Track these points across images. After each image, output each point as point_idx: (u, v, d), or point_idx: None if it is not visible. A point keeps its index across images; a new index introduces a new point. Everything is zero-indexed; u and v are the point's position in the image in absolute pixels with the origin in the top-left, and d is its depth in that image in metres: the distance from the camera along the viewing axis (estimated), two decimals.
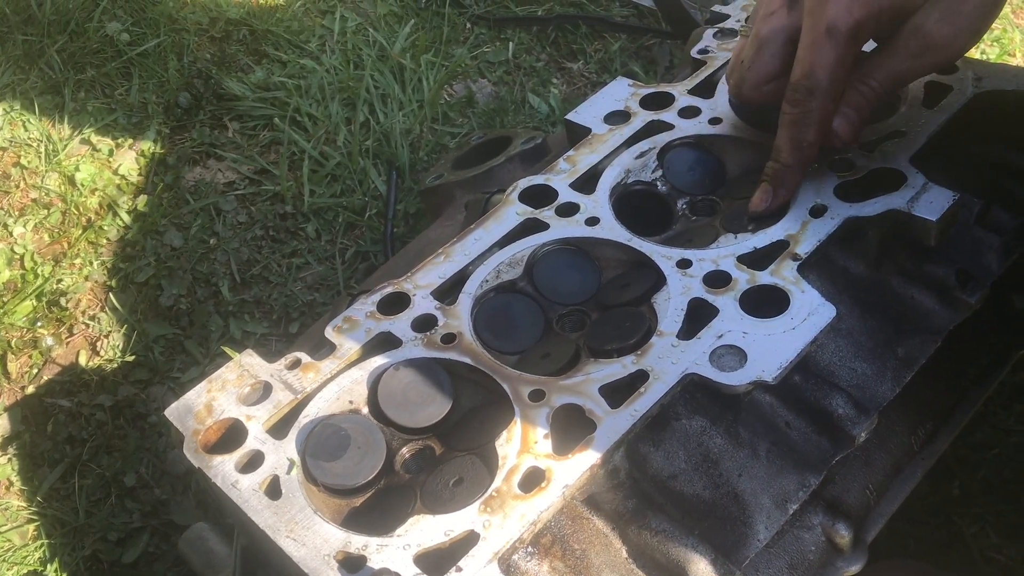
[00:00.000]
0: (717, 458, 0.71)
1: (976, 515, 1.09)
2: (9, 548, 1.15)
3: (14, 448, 1.24)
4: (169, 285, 1.38)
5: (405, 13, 1.80)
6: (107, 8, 1.78)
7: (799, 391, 0.74)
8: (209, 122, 1.63)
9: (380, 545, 0.63)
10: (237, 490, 0.69)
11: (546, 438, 0.67)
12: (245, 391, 0.76)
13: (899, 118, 0.89)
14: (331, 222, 1.46)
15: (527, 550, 0.65)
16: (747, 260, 0.78)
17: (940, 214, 0.77)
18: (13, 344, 1.33)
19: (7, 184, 1.54)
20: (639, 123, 0.95)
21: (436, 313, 0.80)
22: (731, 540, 0.68)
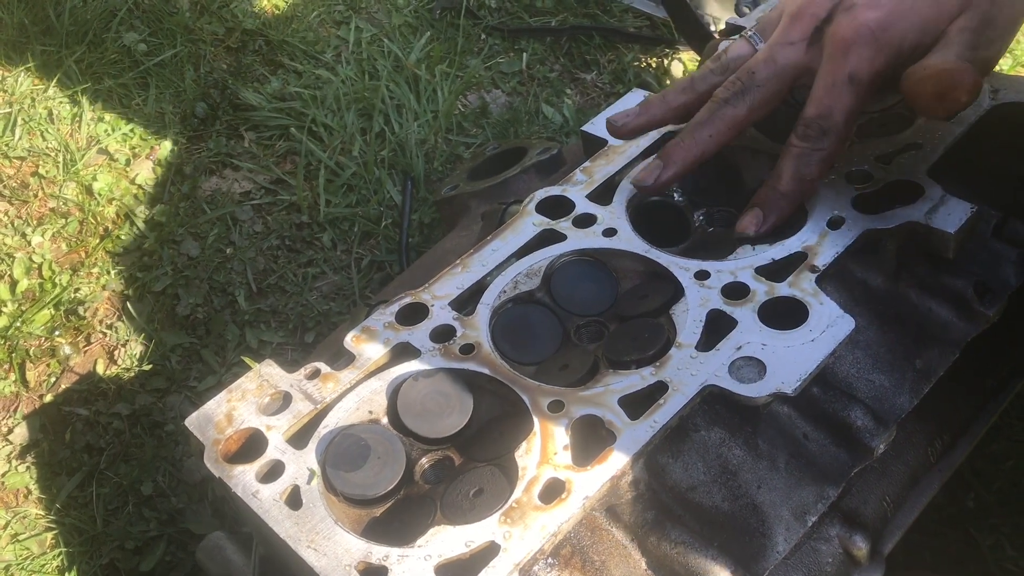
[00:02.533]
0: (736, 470, 0.71)
1: (992, 527, 1.09)
2: (28, 556, 1.15)
3: (32, 456, 1.24)
4: (186, 294, 1.39)
5: (420, 24, 1.81)
6: (124, 19, 1.79)
7: (817, 403, 0.75)
8: (225, 132, 1.64)
9: (401, 555, 0.64)
10: (258, 500, 0.70)
11: (566, 449, 0.68)
12: (265, 401, 0.77)
13: (915, 130, 0.89)
14: (347, 232, 1.47)
15: (547, 561, 0.66)
16: (765, 272, 0.78)
17: (958, 226, 0.78)
18: (31, 353, 1.34)
19: (25, 193, 1.55)
20: (656, 134, 0.95)
21: (454, 324, 0.80)
22: (750, 552, 0.68)
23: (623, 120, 0.89)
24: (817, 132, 0.79)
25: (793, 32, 0.82)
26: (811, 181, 0.81)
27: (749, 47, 0.88)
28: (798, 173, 0.81)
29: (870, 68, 0.78)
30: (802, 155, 0.81)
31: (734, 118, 0.83)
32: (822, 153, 0.80)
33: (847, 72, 0.78)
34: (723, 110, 0.83)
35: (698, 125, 0.84)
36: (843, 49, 0.78)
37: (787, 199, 0.82)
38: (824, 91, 0.79)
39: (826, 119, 0.79)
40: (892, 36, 0.78)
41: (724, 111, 0.83)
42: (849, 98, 0.78)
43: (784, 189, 0.82)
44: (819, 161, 0.80)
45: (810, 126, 0.80)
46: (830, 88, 0.79)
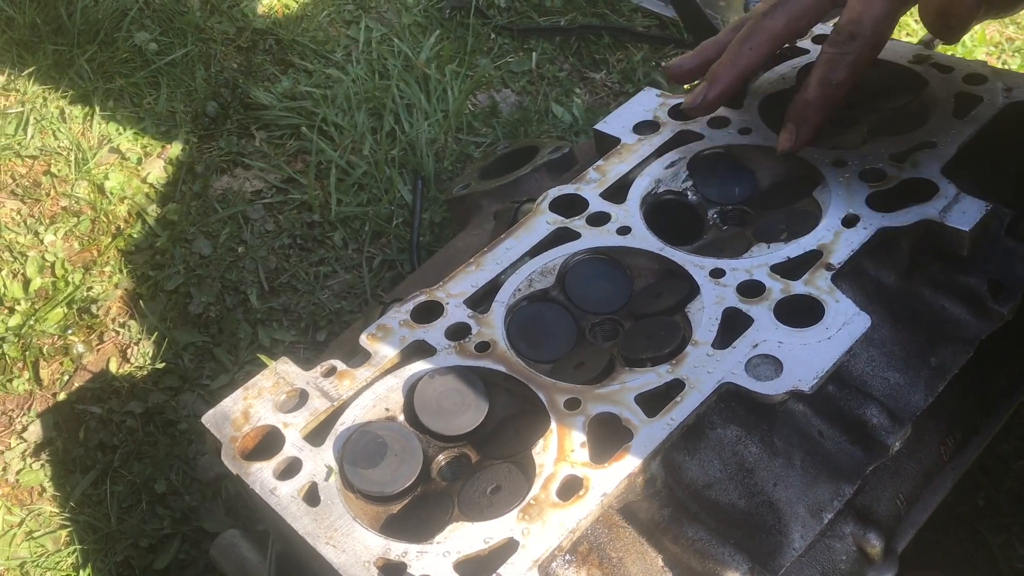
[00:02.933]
0: (752, 467, 0.71)
1: (1002, 526, 1.09)
2: (42, 554, 1.16)
3: (47, 454, 1.25)
4: (198, 293, 1.40)
5: (430, 23, 1.82)
6: (136, 18, 1.80)
7: (833, 401, 0.75)
8: (236, 131, 1.65)
9: (420, 552, 0.64)
10: (276, 497, 0.70)
11: (583, 447, 0.68)
12: (281, 398, 0.77)
13: (929, 128, 0.89)
14: (358, 231, 1.48)
15: (565, 558, 0.66)
16: (780, 270, 0.78)
17: (973, 224, 0.78)
18: (45, 351, 1.35)
19: (38, 192, 1.56)
20: (668, 133, 0.95)
21: (469, 322, 0.81)
22: (766, 549, 0.69)
23: (680, 62, 0.92)
24: (846, 36, 0.81)
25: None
26: (837, 86, 0.82)
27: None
28: (824, 77, 0.82)
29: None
30: (830, 59, 0.82)
31: (772, 30, 0.85)
32: (849, 57, 0.81)
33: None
34: (761, 23, 0.85)
35: (739, 41, 0.86)
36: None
37: (815, 106, 0.83)
38: None
39: (856, 23, 0.80)
40: None
41: (762, 23, 0.85)
42: (881, 6, 0.80)
43: (811, 96, 0.83)
44: (847, 65, 0.81)
45: (840, 31, 0.81)
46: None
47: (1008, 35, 1.77)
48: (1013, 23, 1.78)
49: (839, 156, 0.87)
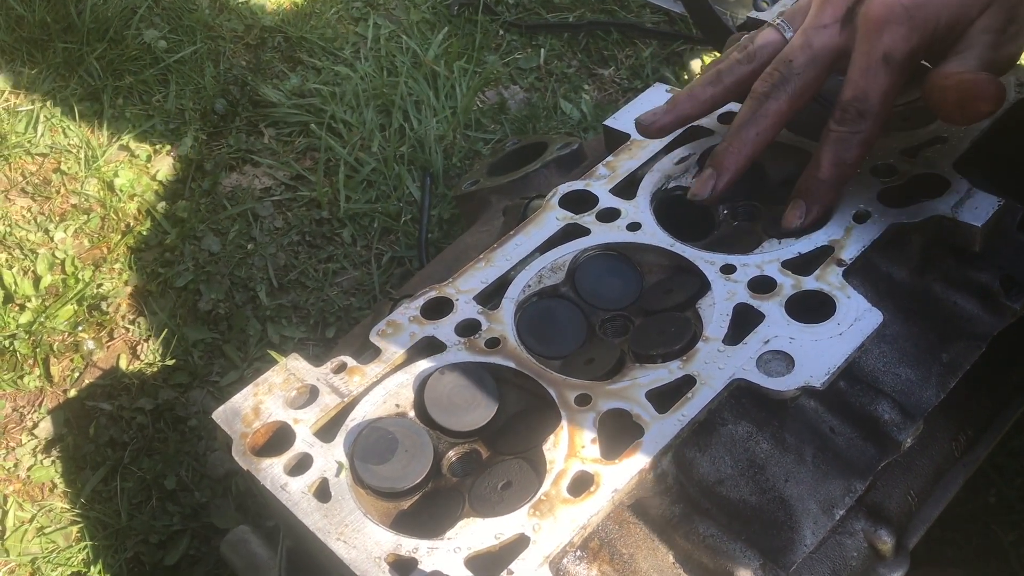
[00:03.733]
0: (763, 463, 0.71)
1: (1013, 523, 1.09)
2: (53, 550, 1.16)
3: (57, 451, 1.25)
4: (208, 290, 1.40)
5: (438, 20, 1.82)
6: (145, 16, 1.80)
7: (844, 397, 0.75)
8: (245, 128, 1.65)
9: (431, 548, 0.64)
10: (287, 492, 0.70)
11: (593, 443, 0.68)
12: (292, 394, 0.77)
13: (941, 124, 0.89)
14: (367, 227, 1.48)
15: (576, 554, 0.66)
16: (791, 265, 0.78)
17: (985, 219, 0.77)
18: (55, 348, 1.35)
19: (48, 190, 1.56)
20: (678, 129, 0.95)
21: (479, 318, 0.81)
22: (778, 545, 0.69)
23: (651, 119, 0.88)
24: (855, 115, 0.78)
25: (825, 15, 0.81)
26: (851, 165, 0.80)
27: (777, 35, 0.86)
28: (838, 158, 0.80)
29: (905, 47, 0.76)
30: (841, 139, 0.79)
31: (778, 112, 0.82)
32: (861, 136, 0.79)
33: (882, 52, 0.76)
34: (766, 105, 0.82)
35: (743, 125, 0.83)
36: (877, 29, 0.76)
37: (828, 186, 0.81)
38: (859, 73, 0.78)
39: (863, 101, 0.78)
40: (927, 14, 0.76)
41: (767, 106, 0.82)
42: (885, 78, 0.77)
43: (824, 176, 0.81)
44: (858, 144, 0.79)
45: (847, 109, 0.78)
46: (865, 70, 0.77)
47: None
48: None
49: None
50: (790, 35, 0.84)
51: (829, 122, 0.80)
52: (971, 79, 0.74)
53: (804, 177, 0.82)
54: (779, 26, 0.85)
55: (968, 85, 0.74)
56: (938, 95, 0.76)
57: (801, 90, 0.81)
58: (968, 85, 0.74)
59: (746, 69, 0.85)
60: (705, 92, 0.87)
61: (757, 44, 0.86)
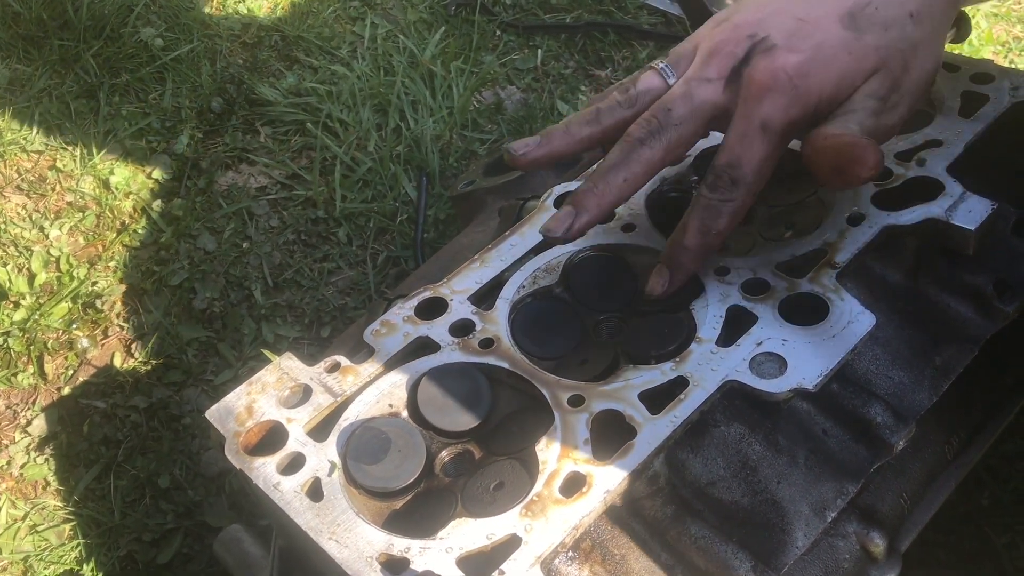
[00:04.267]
0: (756, 465, 0.71)
1: (1006, 525, 1.09)
2: (46, 547, 1.16)
3: (51, 448, 1.25)
4: (202, 288, 1.40)
5: (435, 20, 1.82)
6: (142, 14, 1.80)
7: (837, 399, 0.75)
8: (241, 127, 1.65)
9: (423, 548, 0.64)
10: (279, 492, 0.70)
11: (586, 443, 0.68)
12: (285, 394, 0.77)
13: (935, 127, 0.89)
14: (362, 227, 1.48)
15: (568, 554, 0.66)
16: (785, 268, 0.78)
17: (978, 223, 0.77)
18: (49, 345, 1.35)
19: (43, 187, 1.56)
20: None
21: (473, 318, 0.81)
22: (770, 547, 0.69)
23: (522, 149, 0.83)
24: (727, 182, 0.75)
25: (710, 69, 0.77)
26: (718, 234, 0.77)
27: (659, 80, 0.81)
28: (705, 226, 0.76)
29: (784, 117, 0.74)
30: (710, 207, 0.76)
31: (650, 160, 0.77)
32: (731, 205, 0.75)
33: (760, 120, 0.74)
34: (638, 151, 0.77)
35: (612, 168, 0.78)
36: (758, 95, 0.74)
37: (692, 254, 0.77)
38: (736, 139, 0.75)
39: (736, 168, 0.75)
40: (810, 85, 0.74)
41: (639, 152, 0.77)
42: (761, 147, 0.74)
43: (689, 243, 0.77)
44: (728, 213, 0.76)
45: (720, 176, 0.75)
46: (742, 136, 0.75)
47: (1015, 34, 1.76)
48: (1020, 22, 1.77)
49: None
50: (672, 81, 0.80)
51: (701, 186, 0.77)
52: (849, 142, 0.71)
53: (670, 243, 0.79)
54: (662, 71, 0.81)
55: (846, 149, 0.71)
56: (816, 157, 0.73)
57: (677, 142, 0.78)
58: (846, 149, 0.71)
59: (625, 113, 0.81)
60: (581, 131, 0.82)
61: (638, 89, 0.81)
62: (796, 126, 0.75)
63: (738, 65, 0.76)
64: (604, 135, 0.82)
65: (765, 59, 0.75)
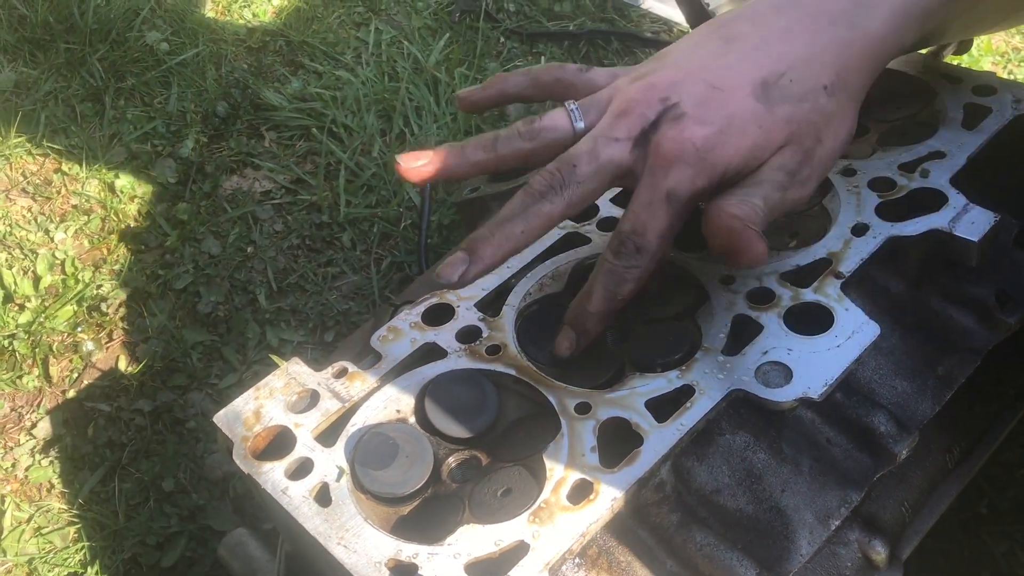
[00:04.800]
0: (760, 473, 0.72)
1: (1005, 534, 1.10)
2: (51, 550, 1.17)
3: (55, 451, 1.26)
4: (207, 292, 1.41)
5: (439, 27, 1.82)
6: (147, 18, 1.81)
7: (841, 408, 0.75)
8: (246, 131, 1.66)
9: (431, 554, 0.65)
10: (287, 497, 0.71)
11: (593, 451, 0.68)
12: (293, 399, 0.78)
13: (938, 139, 0.90)
14: (366, 232, 1.48)
15: (575, 561, 0.66)
16: (790, 277, 0.79)
17: (981, 235, 0.78)
18: (55, 348, 1.36)
19: (48, 190, 1.57)
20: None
21: (480, 325, 0.81)
22: (774, 555, 0.69)
23: (412, 162, 0.80)
24: (632, 249, 0.75)
25: (619, 128, 0.76)
26: (621, 300, 0.77)
27: (566, 122, 0.79)
28: (609, 292, 0.77)
29: (690, 187, 0.74)
30: (615, 273, 0.76)
31: (549, 214, 0.76)
32: (636, 271, 0.76)
33: (666, 189, 0.74)
34: (538, 205, 0.76)
35: (510, 219, 0.76)
36: (665, 165, 0.74)
37: (597, 318, 0.78)
38: (641, 206, 0.75)
39: (640, 236, 0.75)
40: (717, 158, 0.74)
41: (540, 206, 0.76)
42: (665, 216, 0.74)
43: (594, 309, 0.77)
44: (633, 280, 0.76)
45: (624, 243, 0.75)
46: (647, 204, 0.74)
47: (1014, 45, 1.77)
48: (1019, 33, 1.78)
49: (848, 166, 0.88)
50: (580, 126, 0.79)
51: (606, 251, 0.77)
52: (739, 231, 0.72)
53: (575, 305, 0.79)
54: (571, 112, 0.80)
55: (735, 236, 0.72)
56: (709, 232, 0.74)
57: (579, 198, 0.76)
58: (735, 236, 0.72)
59: (523, 146, 0.79)
60: (476, 154, 0.80)
61: (543, 123, 0.80)
62: (702, 194, 0.75)
63: (647, 129, 0.75)
64: (500, 162, 0.80)
65: (673, 128, 0.74)
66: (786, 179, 0.75)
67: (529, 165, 0.82)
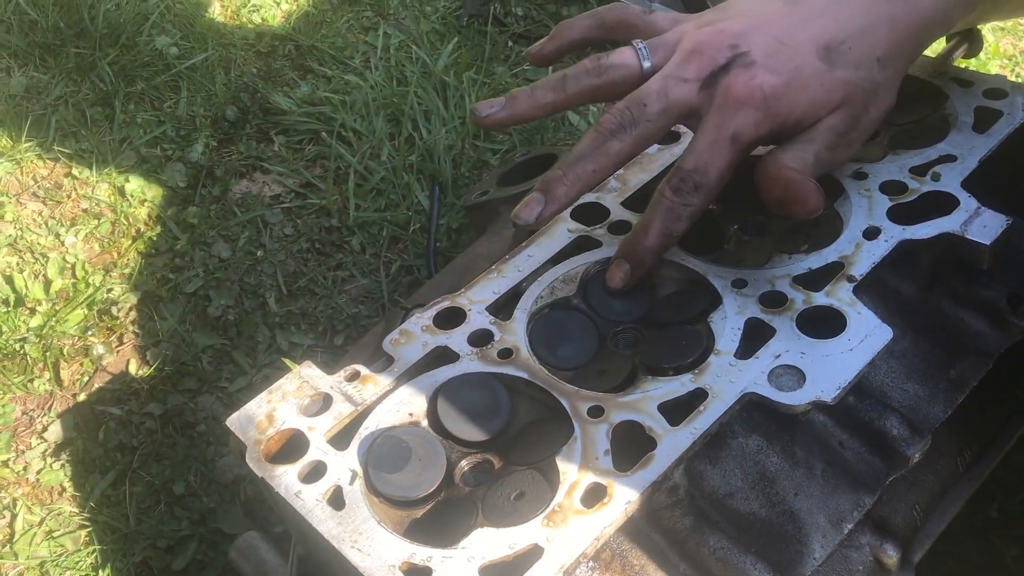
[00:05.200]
0: (773, 477, 0.72)
1: (1016, 538, 1.09)
2: (62, 553, 1.17)
3: (66, 454, 1.26)
4: (217, 296, 1.41)
5: (447, 31, 1.83)
6: (157, 22, 1.81)
7: (853, 411, 0.75)
8: (256, 135, 1.66)
9: (444, 557, 0.65)
10: (301, 500, 0.71)
11: (606, 454, 0.69)
12: (305, 402, 0.78)
13: (950, 142, 0.90)
14: (376, 236, 1.49)
15: (589, 565, 0.67)
16: (802, 281, 0.79)
17: (994, 238, 0.78)
18: (65, 352, 1.36)
19: (59, 194, 1.57)
20: (688, 142, 0.96)
21: (492, 328, 0.81)
22: (787, 558, 0.69)
23: (487, 111, 0.83)
24: (691, 187, 0.77)
25: (688, 69, 0.78)
26: (677, 236, 0.79)
27: (635, 59, 0.81)
28: (666, 228, 0.79)
29: (754, 132, 0.77)
30: (672, 209, 0.78)
31: (619, 152, 0.78)
32: (691, 209, 0.78)
33: (732, 130, 0.76)
34: (609, 143, 0.78)
35: (582, 158, 0.79)
36: (734, 107, 0.76)
37: (653, 253, 0.80)
38: (706, 145, 0.77)
39: (702, 174, 0.77)
40: (782, 106, 0.76)
41: (610, 144, 0.78)
42: (728, 156, 0.77)
43: (651, 244, 0.79)
44: (688, 217, 0.78)
45: (685, 180, 0.77)
46: (712, 143, 0.77)
47: (1022, 48, 1.77)
48: None
49: (859, 169, 0.88)
50: (647, 64, 0.81)
51: (664, 187, 0.78)
52: (799, 182, 0.76)
53: (631, 240, 0.81)
54: (639, 51, 0.82)
55: (792, 188, 0.76)
56: (765, 183, 0.78)
57: (647, 136, 0.79)
58: (792, 188, 0.76)
59: (592, 81, 0.82)
60: (546, 96, 0.83)
61: (611, 60, 0.82)
62: (762, 141, 0.78)
63: (716, 71, 0.77)
64: (568, 101, 0.83)
65: (744, 73, 0.76)
66: (836, 140, 0.79)
67: (597, 102, 0.85)
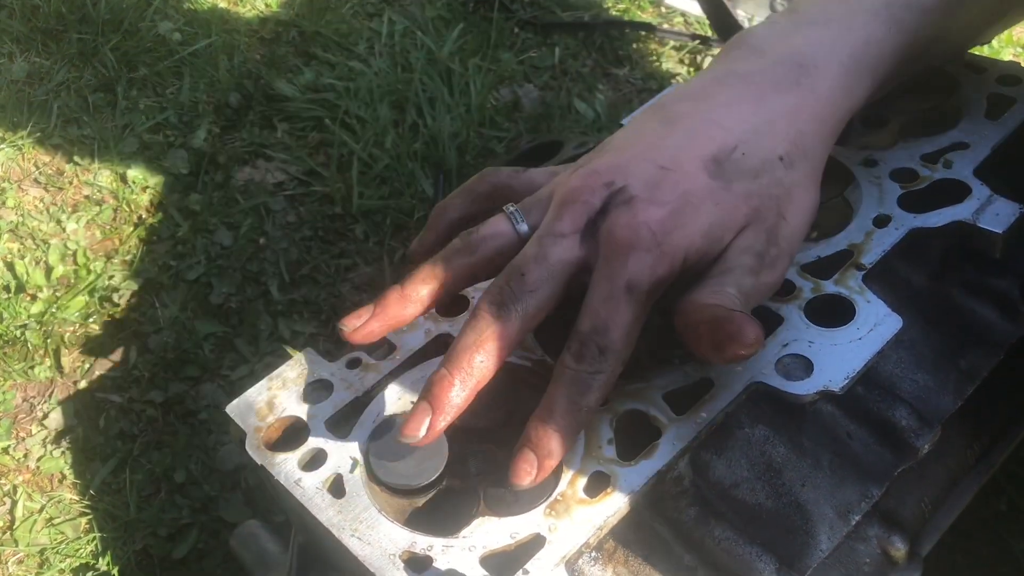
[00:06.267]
0: (780, 467, 0.71)
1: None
2: (62, 540, 1.17)
3: (67, 442, 1.26)
4: (219, 283, 1.40)
5: (453, 17, 1.81)
6: (159, 8, 1.80)
7: (861, 402, 0.74)
8: (259, 122, 1.65)
9: (445, 546, 0.64)
10: (301, 488, 0.70)
11: (610, 443, 0.68)
12: (306, 389, 0.77)
13: (962, 129, 0.88)
14: (379, 224, 1.48)
15: (592, 555, 0.66)
16: (811, 269, 0.78)
17: (1007, 226, 0.77)
18: (66, 339, 1.35)
19: (60, 180, 1.57)
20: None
21: None
22: (793, 549, 0.68)
23: (353, 323, 0.73)
24: (595, 351, 0.65)
25: (563, 223, 0.68)
26: (589, 410, 0.66)
27: (507, 225, 0.72)
28: (573, 403, 0.65)
29: (651, 277, 0.66)
30: (578, 380, 0.66)
31: (507, 335, 0.67)
32: (602, 377, 0.66)
33: (625, 280, 0.65)
34: (492, 328, 0.66)
35: (466, 350, 0.66)
36: (621, 253, 0.66)
37: (562, 435, 0.64)
38: (600, 302, 0.66)
39: (603, 335, 0.65)
40: (676, 240, 0.66)
41: (494, 328, 0.67)
42: (627, 310, 0.66)
43: (558, 425, 0.64)
44: (599, 386, 0.66)
45: (586, 344, 0.66)
46: (606, 299, 0.66)
47: None
48: None
49: (869, 156, 0.87)
50: (524, 228, 0.71)
51: (564, 357, 0.67)
52: (723, 317, 0.63)
53: (533, 426, 0.66)
54: (511, 215, 0.72)
55: (721, 325, 0.63)
56: (689, 331, 0.66)
57: (537, 307, 0.68)
58: (721, 325, 0.63)
59: (466, 261, 0.71)
60: (419, 291, 0.72)
61: (481, 233, 0.72)
62: (663, 284, 0.68)
63: (594, 217, 0.68)
64: (446, 289, 0.72)
65: (625, 213, 0.67)
66: (755, 262, 0.69)
67: (480, 281, 0.73)
